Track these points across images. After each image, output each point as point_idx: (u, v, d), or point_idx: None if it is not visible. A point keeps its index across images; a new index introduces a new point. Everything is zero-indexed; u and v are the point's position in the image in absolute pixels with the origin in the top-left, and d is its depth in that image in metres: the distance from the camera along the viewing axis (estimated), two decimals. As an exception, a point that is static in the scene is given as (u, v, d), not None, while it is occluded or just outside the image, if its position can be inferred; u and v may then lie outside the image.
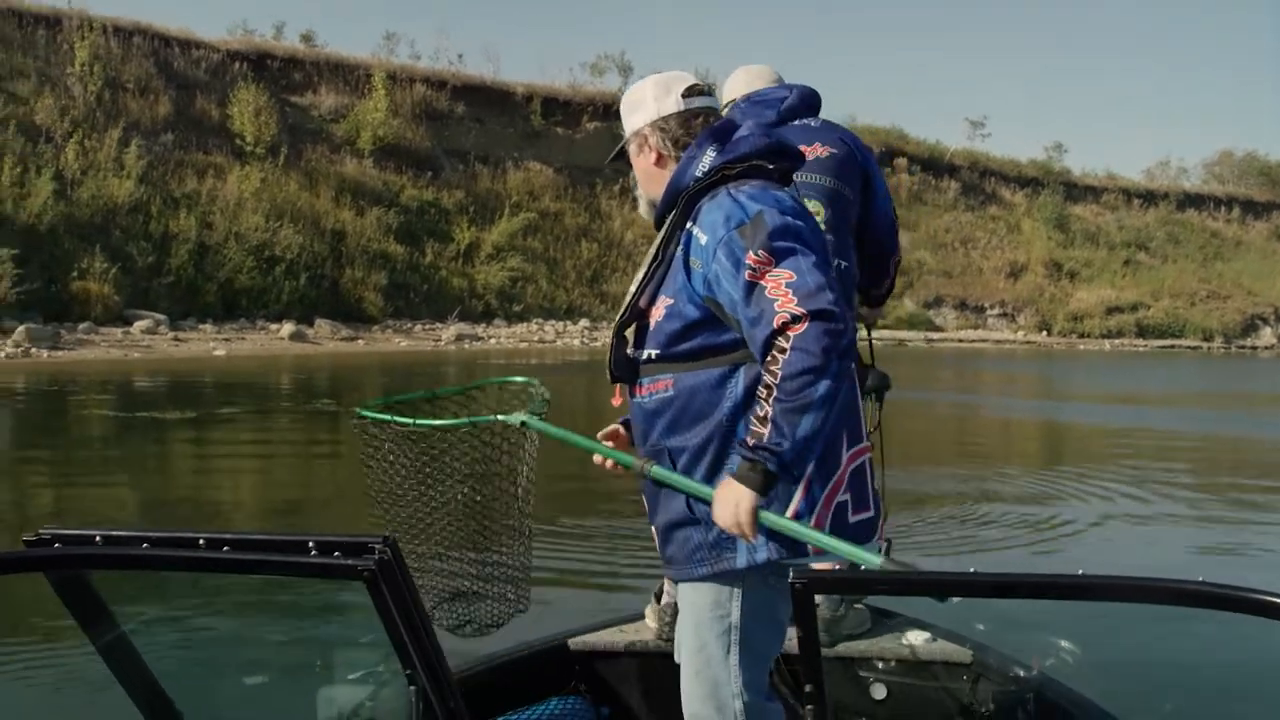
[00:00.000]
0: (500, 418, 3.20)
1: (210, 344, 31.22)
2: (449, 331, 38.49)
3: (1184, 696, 5.47)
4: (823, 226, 3.74)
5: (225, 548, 1.80)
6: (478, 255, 44.58)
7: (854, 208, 4.09)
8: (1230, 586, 1.61)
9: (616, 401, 3.06)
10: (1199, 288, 64.33)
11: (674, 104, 2.93)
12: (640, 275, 2.90)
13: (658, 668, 3.80)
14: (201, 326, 33.47)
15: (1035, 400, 26.86)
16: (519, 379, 3.38)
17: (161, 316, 32.50)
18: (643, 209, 3.10)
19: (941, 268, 61.52)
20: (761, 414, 2.54)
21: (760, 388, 2.57)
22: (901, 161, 66.19)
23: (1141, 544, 9.87)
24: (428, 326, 39.33)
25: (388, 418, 3.24)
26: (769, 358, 2.55)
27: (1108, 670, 4.95)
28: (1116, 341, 57.78)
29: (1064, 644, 3.59)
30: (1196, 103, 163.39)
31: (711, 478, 2.74)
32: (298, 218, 39.49)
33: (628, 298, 2.92)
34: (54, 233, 32.89)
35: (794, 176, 3.10)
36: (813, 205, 3.86)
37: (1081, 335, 58.86)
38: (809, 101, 4.15)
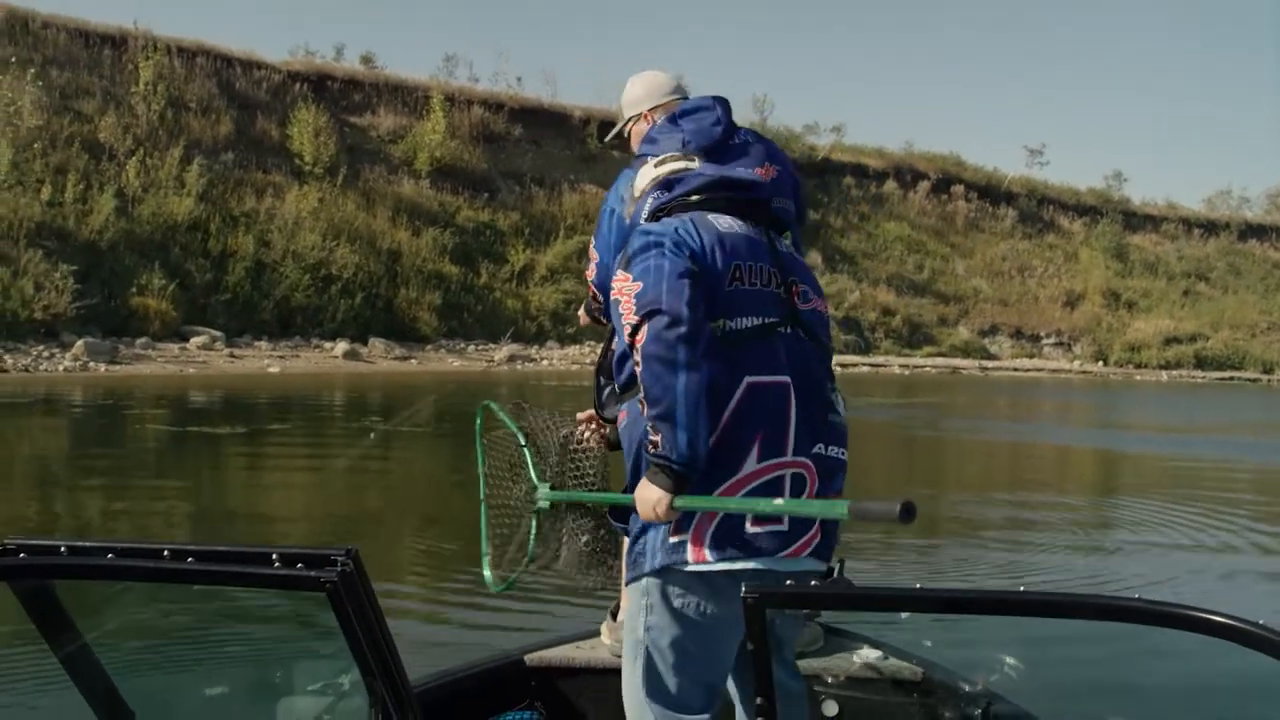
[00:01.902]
0: (536, 509, 3.62)
1: (265, 361, 31.50)
2: (502, 352, 38.63)
3: (1128, 713, 5.49)
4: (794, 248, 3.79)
5: (189, 559, 1.81)
6: (532, 277, 44.74)
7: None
8: (1169, 603, 1.63)
9: None
10: (1259, 319, 63.41)
11: (650, 174, 3.23)
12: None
13: (613, 684, 3.79)
14: (257, 343, 33.79)
15: (1096, 430, 26.58)
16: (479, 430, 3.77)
17: (218, 333, 32.84)
18: None
19: (997, 296, 61.12)
20: (650, 426, 2.77)
21: (637, 400, 2.86)
22: (958, 188, 65.97)
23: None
24: (481, 347, 39.48)
25: (515, 575, 3.67)
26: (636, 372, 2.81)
27: (1054, 687, 4.96)
28: (1174, 372, 57.04)
29: (1010, 661, 3.65)
30: (1259, 132, 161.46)
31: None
32: (354, 237, 39.77)
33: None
34: (114, 249, 33.35)
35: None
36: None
37: (1138, 366, 58.16)
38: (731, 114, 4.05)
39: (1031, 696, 3.70)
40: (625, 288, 2.83)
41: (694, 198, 3.08)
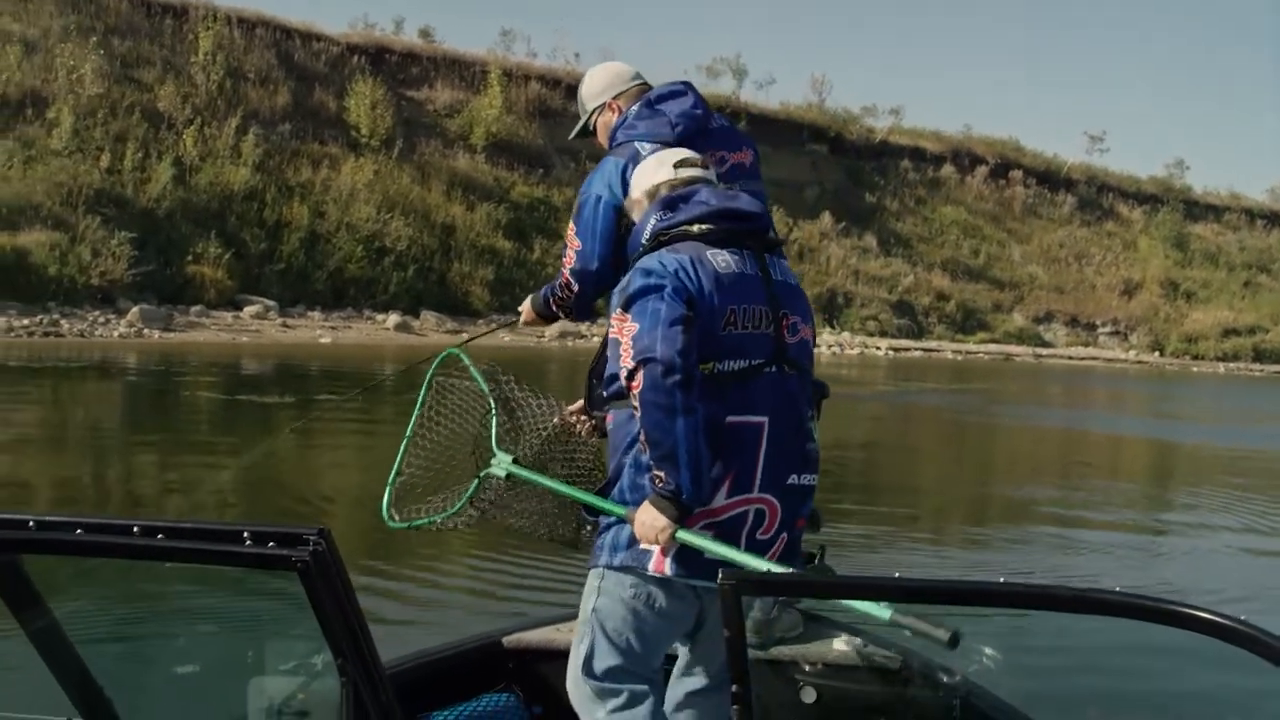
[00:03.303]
0: (485, 473, 3.54)
1: (317, 331, 31.71)
2: (553, 328, 38.63)
3: (1104, 705, 5.53)
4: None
5: (159, 535, 1.79)
6: (584, 253, 44.69)
7: None
8: (1153, 598, 1.64)
9: None
10: (1322, 312, 62.42)
11: (665, 173, 3.33)
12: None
13: None
14: (310, 314, 34.04)
15: (1151, 420, 26.29)
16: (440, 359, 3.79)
17: (271, 302, 33.11)
18: None
19: (1054, 283, 60.59)
20: (650, 462, 2.93)
21: (639, 442, 2.99)
22: (1017, 174, 65.39)
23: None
24: (532, 323, 39.48)
25: (424, 521, 3.61)
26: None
27: (1032, 678, 4.95)
28: (1232, 365, 56.32)
29: (989, 651, 3.61)
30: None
31: (621, 498, 3.12)
32: (409, 210, 39.93)
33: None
34: (171, 217, 33.68)
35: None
36: None
37: (1195, 357, 57.42)
38: (702, 98, 4.02)
39: (1009, 687, 3.77)
40: (624, 329, 2.97)
41: (696, 228, 3.16)
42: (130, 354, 23.71)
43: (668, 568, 3.03)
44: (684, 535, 2.92)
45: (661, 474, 2.90)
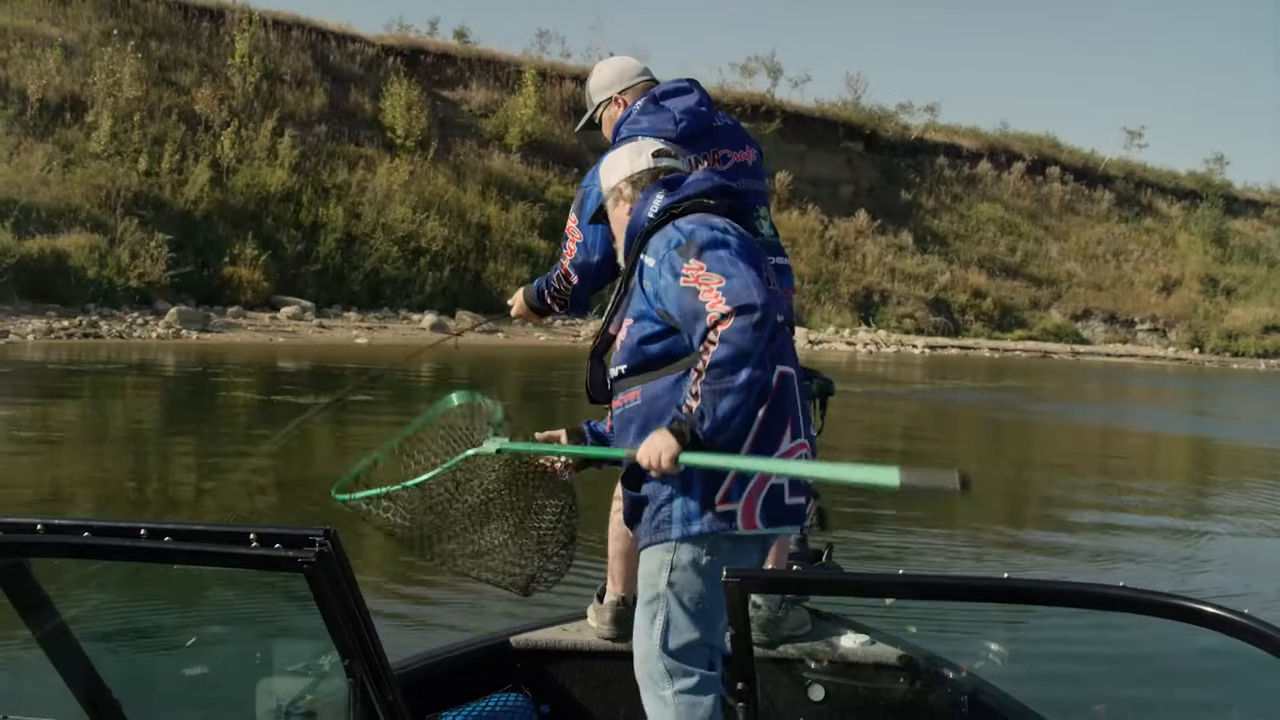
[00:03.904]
0: (472, 452, 3.38)
1: (353, 332, 31.84)
2: (588, 327, 38.67)
3: (1112, 700, 5.50)
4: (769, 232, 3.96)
5: (166, 538, 1.80)
6: (619, 253, 44.67)
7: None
8: (1158, 593, 1.66)
9: (608, 427, 3.44)
10: (1364, 309, 61.68)
11: (645, 162, 3.38)
12: (609, 306, 3.37)
13: (599, 666, 3.92)
14: (346, 314, 34.21)
15: (1191, 417, 26.09)
16: (455, 399, 3.55)
17: (308, 303, 33.30)
18: (621, 258, 3.45)
19: (1091, 280, 60.15)
20: (694, 390, 2.94)
21: (693, 370, 2.97)
22: (1054, 170, 64.94)
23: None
24: (567, 322, 39.56)
25: (376, 492, 3.37)
26: (702, 347, 2.95)
27: (1039, 674, 4.94)
28: (1272, 361, 55.72)
29: (995, 647, 3.73)
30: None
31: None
32: (444, 211, 40.05)
33: (600, 326, 3.40)
34: (209, 219, 33.96)
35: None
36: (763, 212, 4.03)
37: (1235, 354, 56.88)
38: (708, 96, 4.12)
39: (1016, 682, 3.77)
40: (703, 277, 2.97)
41: (705, 201, 3.24)
42: (168, 355, 23.89)
43: (759, 523, 3.08)
44: (688, 457, 2.93)
45: (695, 404, 2.93)
